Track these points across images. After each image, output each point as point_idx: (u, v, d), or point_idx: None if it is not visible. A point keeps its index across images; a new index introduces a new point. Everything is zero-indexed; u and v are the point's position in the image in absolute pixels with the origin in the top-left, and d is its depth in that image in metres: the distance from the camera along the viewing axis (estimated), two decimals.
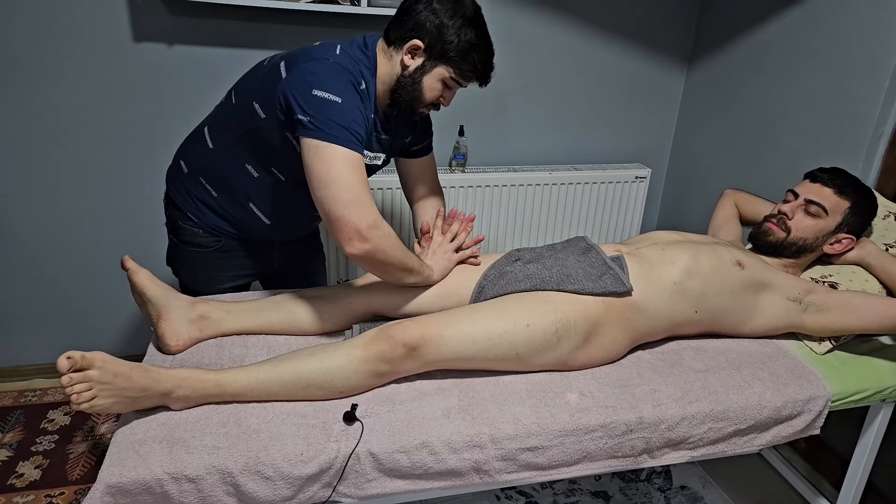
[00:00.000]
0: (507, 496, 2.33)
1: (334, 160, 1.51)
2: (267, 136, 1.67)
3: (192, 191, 1.83)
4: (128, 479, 1.24)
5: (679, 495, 2.39)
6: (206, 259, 1.90)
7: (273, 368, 1.44)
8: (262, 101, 1.64)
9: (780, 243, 1.91)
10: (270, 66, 1.66)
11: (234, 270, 1.96)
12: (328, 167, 1.51)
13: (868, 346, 1.86)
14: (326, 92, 1.52)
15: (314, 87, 1.52)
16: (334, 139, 1.51)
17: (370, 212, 1.52)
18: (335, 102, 1.52)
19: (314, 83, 1.53)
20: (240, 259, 1.94)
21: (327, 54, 1.60)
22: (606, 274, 1.66)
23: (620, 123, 3.12)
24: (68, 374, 1.25)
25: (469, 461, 1.41)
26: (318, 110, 1.52)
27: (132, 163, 2.55)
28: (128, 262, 1.64)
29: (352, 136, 1.53)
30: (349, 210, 1.50)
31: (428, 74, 1.68)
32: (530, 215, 2.97)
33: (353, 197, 1.50)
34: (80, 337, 2.77)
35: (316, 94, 1.52)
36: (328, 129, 1.51)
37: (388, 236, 1.56)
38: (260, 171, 1.75)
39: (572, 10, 2.81)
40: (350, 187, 1.51)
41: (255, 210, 1.82)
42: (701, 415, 1.54)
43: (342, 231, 1.51)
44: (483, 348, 1.52)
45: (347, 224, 1.50)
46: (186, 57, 2.45)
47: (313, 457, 1.32)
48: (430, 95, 1.72)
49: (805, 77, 2.44)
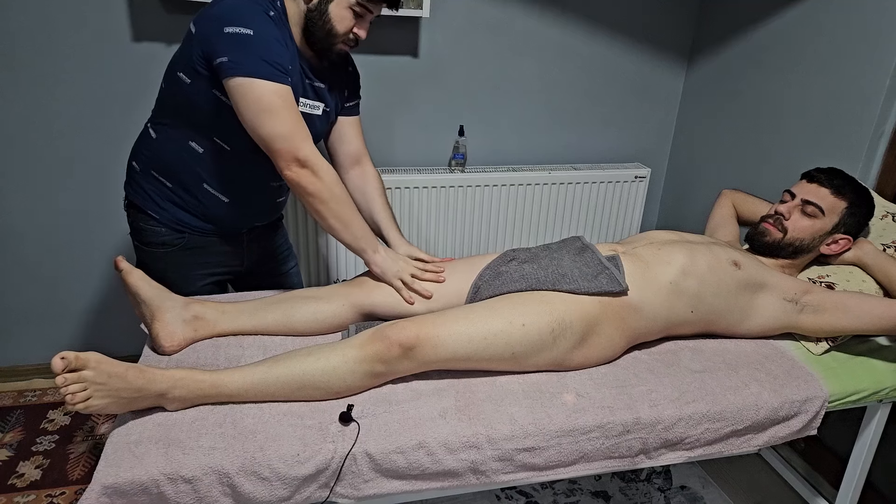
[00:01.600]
0: (507, 496, 2.33)
1: (262, 96, 1.55)
2: (198, 103, 1.67)
3: (147, 188, 1.82)
4: (124, 479, 1.24)
5: (679, 495, 2.39)
6: (174, 259, 1.87)
7: (269, 369, 1.44)
8: (182, 68, 1.65)
9: (776, 244, 1.91)
10: (184, 36, 1.68)
11: (204, 269, 1.94)
12: (257, 104, 1.56)
13: (865, 346, 1.86)
14: (237, 27, 1.53)
15: (224, 25, 1.54)
16: (255, 73, 1.54)
17: (306, 143, 1.62)
18: (247, 35, 1.53)
19: (223, 20, 1.55)
20: (208, 256, 1.92)
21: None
22: (602, 273, 1.66)
23: (620, 123, 3.12)
24: (63, 374, 1.25)
25: (466, 462, 1.41)
26: (233, 47, 1.53)
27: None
28: (121, 262, 1.63)
29: (272, 67, 1.55)
30: (286, 142, 1.59)
31: (333, 3, 1.66)
32: (530, 215, 2.97)
33: (287, 130, 1.59)
34: (79, 337, 2.78)
35: (227, 30, 1.53)
36: (247, 64, 1.53)
37: (327, 170, 1.65)
38: (204, 145, 1.74)
39: (572, 9, 2.81)
40: (283, 120, 1.58)
41: (210, 190, 1.80)
42: (698, 415, 1.54)
43: (281, 158, 1.61)
44: (479, 348, 1.52)
45: (286, 152, 1.60)
46: None
47: (310, 457, 1.32)
48: (341, 26, 1.70)
49: (805, 77, 2.43)
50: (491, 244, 2.98)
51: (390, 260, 1.77)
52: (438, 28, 2.68)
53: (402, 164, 2.88)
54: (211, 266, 1.95)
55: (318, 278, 2.83)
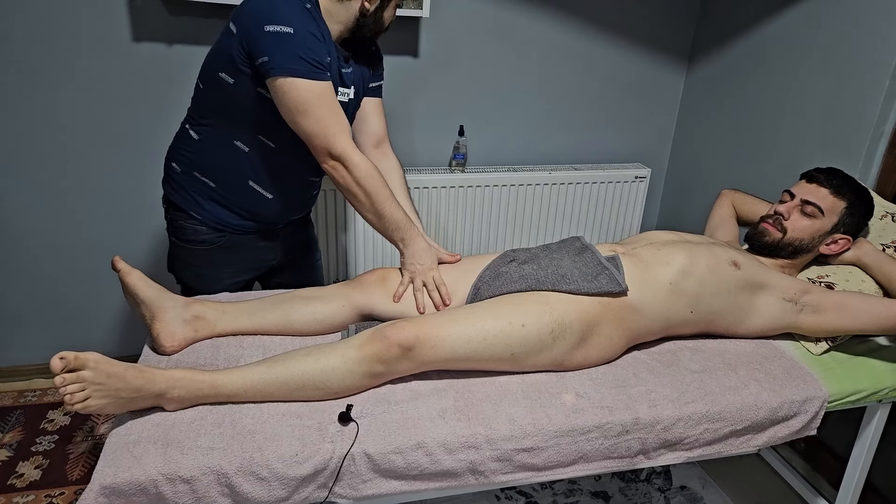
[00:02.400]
0: (507, 496, 2.33)
1: (301, 95, 1.60)
2: (243, 102, 1.70)
3: (190, 189, 1.84)
4: (122, 479, 1.24)
5: (679, 495, 2.38)
6: (211, 256, 1.90)
7: (268, 369, 1.44)
8: (225, 68, 1.67)
9: (776, 244, 1.91)
10: (221, 34, 1.69)
11: (240, 265, 1.97)
12: (296, 102, 1.61)
13: (865, 346, 1.86)
14: (277, 25, 1.56)
15: (264, 24, 1.56)
16: (294, 72, 1.58)
17: (340, 138, 1.66)
18: (288, 34, 1.56)
19: (263, 19, 1.57)
20: (245, 253, 1.95)
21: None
22: (602, 274, 1.66)
23: (620, 123, 3.12)
24: (61, 374, 1.25)
25: (464, 462, 1.41)
26: (275, 46, 1.56)
27: (132, 162, 2.55)
28: (119, 263, 1.62)
29: (311, 65, 1.59)
30: (322, 139, 1.65)
31: (387, 8, 1.78)
32: (530, 215, 2.97)
33: (323, 127, 1.64)
34: (79, 337, 2.78)
35: (268, 29, 1.56)
36: (287, 64, 1.57)
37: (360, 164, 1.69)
38: (250, 144, 1.77)
39: (572, 9, 2.81)
40: (320, 118, 1.63)
41: (255, 187, 1.84)
42: (697, 416, 1.54)
43: (318, 152, 1.69)
44: (478, 349, 1.52)
45: (322, 148, 1.67)
46: (186, 57, 2.45)
47: (308, 457, 1.32)
48: (389, 22, 1.83)
49: (805, 77, 2.43)
50: (491, 244, 2.98)
51: (415, 258, 1.77)
52: (438, 28, 2.68)
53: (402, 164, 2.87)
54: (247, 263, 1.99)
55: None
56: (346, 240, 2.76)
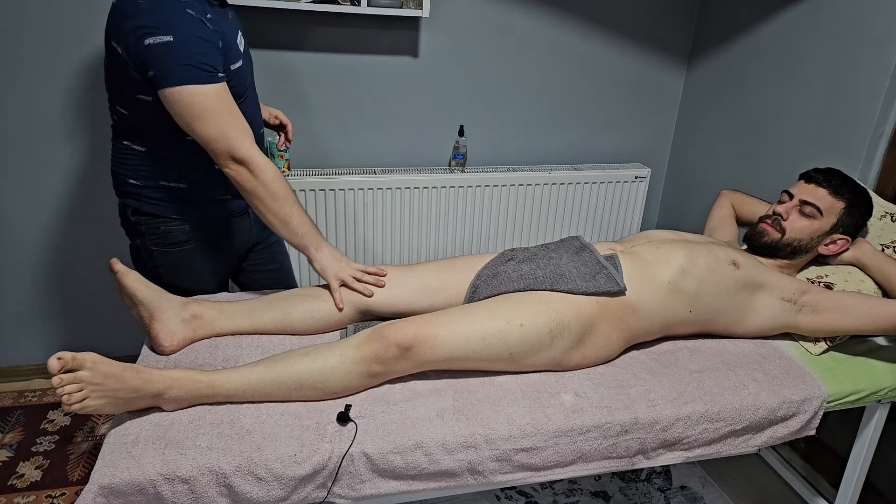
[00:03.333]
0: (507, 496, 2.33)
1: (192, 102, 1.54)
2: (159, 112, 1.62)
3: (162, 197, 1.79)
4: (121, 479, 1.24)
5: (679, 495, 2.38)
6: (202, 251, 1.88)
7: (266, 369, 1.44)
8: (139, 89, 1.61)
9: (775, 244, 1.91)
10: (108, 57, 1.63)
11: (226, 252, 1.95)
12: (189, 110, 1.55)
13: (864, 346, 1.86)
14: (154, 36, 1.49)
15: (143, 38, 1.49)
16: (182, 80, 1.51)
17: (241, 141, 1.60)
18: (167, 43, 1.49)
19: (142, 32, 1.50)
20: (227, 240, 1.94)
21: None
22: (600, 273, 1.66)
23: (620, 123, 3.12)
24: (59, 374, 1.25)
25: (463, 462, 1.41)
26: (157, 59, 1.50)
27: None
28: (116, 265, 1.63)
29: (198, 70, 1.53)
30: (221, 143, 1.59)
31: None
32: (530, 215, 2.97)
33: (220, 131, 1.58)
34: (79, 337, 2.78)
35: (148, 42, 1.49)
36: (172, 74, 1.51)
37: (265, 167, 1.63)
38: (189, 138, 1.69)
39: (572, 9, 2.81)
40: (216, 122, 1.57)
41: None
42: (696, 415, 1.54)
43: (219, 157, 1.62)
44: (477, 348, 1.52)
45: (222, 152, 1.60)
46: None
47: (307, 457, 1.32)
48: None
49: (805, 77, 2.43)
50: (491, 244, 2.98)
51: (333, 259, 1.75)
52: (438, 28, 2.68)
53: (402, 164, 2.88)
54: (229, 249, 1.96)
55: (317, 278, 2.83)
56: (345, 240, 2.76)
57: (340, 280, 1.74)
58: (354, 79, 2.66)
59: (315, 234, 1.75)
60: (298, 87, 2.60)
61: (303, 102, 2.64)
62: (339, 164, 2.80)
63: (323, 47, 2.59)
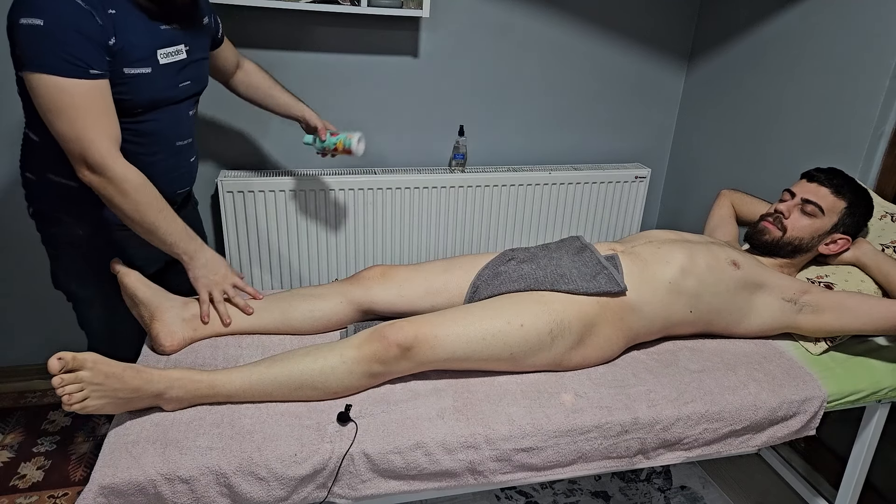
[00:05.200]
0: (506, 496, 2.33)
1: (50, 93, 1.43)
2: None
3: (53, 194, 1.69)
4: (121, 479, 1.24)
5: (679, 495, 2.38)
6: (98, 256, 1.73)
7: (266, 369, 1.44)
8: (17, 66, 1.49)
9: (775, 242, 1.91)
10: None
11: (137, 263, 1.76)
12: (46, 101, 1.44)
13: (864, 346, 1.86)
14: (28, 17, 1.38)
15: (20, 16, 1.39)
16: (46, 68, 1.40)
17: (97, 145, 1.47)
18: (37, 26, 1.38)
19: (19, 11, 1.40)
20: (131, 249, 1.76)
21: None
22: (601, 273, 1.66)
23: (620, 123, 3.12)
24: (59, 374, 1.25)
25: (464, 462, 1.41)
26: (26, 41, 1.40)
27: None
28: (117, 264, 1.63)
29: (64, 60, 1.41)
30: (74, 143, 1.47)
31: None
32: (530, 215, 2.97)
33: (76, 132, 1.46)
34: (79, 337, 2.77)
35: (22, 22, 1.39)
36: (36, 59, 1.40)
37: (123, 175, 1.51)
38: None
39: (573, 9, 2.81)
40: (72, 121, 1.45)
41: None
42: (696, 415, 1.54)
43: (73, 160, 1.50)
44: (477, 348, 1.52)
45: (76, 155, 1.48)
46: None
47: (307, 457, 1.33)
48: None
49: (805, 76, 2.43)
50: (491, 244, 2.98)
51: (206, 269, 1.67)
52: (438, 28, 2.68)
53: (402, 164, 2.88)
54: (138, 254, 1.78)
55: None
56: (345, 240, 2.76)
57: (210, 293, 1.68)
58: (354, 79, 2.66)
59: (188, 242, 1.65)
60: (298, 87, 2.59)
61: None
62: (339, 164, 2.80)
63: (323, 47, 2.58)
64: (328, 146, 2.18)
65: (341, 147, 2.17)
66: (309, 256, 2.75)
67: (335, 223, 2.72)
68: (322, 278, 2.81)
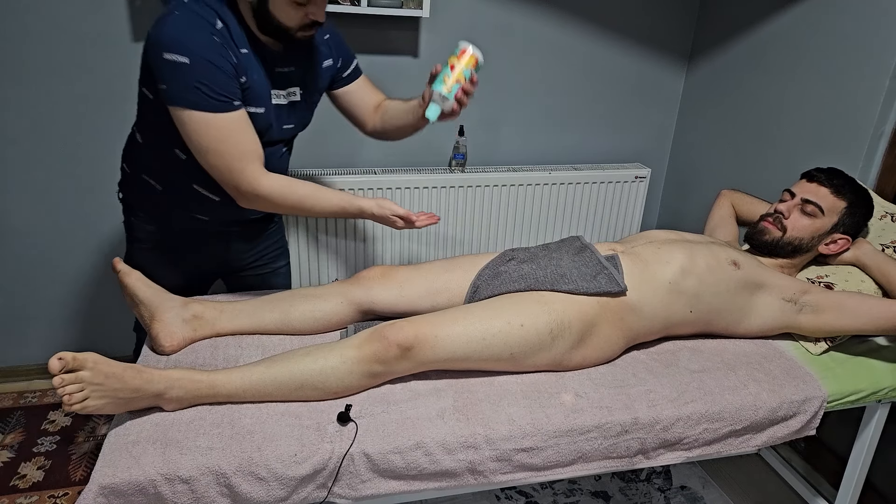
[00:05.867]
0: (507, 496, 2.33)
1: (199, 128, 1.53)
2: (166, 117, 1.59)
3: (140, 190, 1.81)
4: (121, 479, 1.24)
5: (679, 495, 2.38)
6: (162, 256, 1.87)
7: (267, 369, 1.44)
8: (145, 83, 1.61)
9: (776, 242, 1.91)
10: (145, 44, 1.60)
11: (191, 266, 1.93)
12: (197, 136, 1.55)
13: (864, 346, 1.86)
14: (174, 53, 1.46)
15: (164, 51, 1.47)
16: (194, 105, 1.51)
17: (249, 173, 1.60)
18: (184, 64, 1.47)
19: (163, 45, 1.47)
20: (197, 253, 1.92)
21: (172, 6, 1.53)
22: (601, 274, 1.66)
23: (620, 123, 3.12)
24: (60, 375, 1.25)
25: (464, 462, 1.41)
26: (172, 76, 1.49)
27: None
28: (118, 264, 1.63)
29: (209, 97, 1.51)
30: (230, 178, 1.60)
31: (271, 3, 1.55)
32: (530, 215, 2.97)
33: (227, 164, 1.58)
34: (79, 337, 2.78)
35: (166, 58, 1.47)
36: (184, 94, 1.50)
37: (271, 187, 1.63)
38: (187, 153, 1.67)
39: (572, 9, 2.81)
40: (221, 154, 1.57)
41: (201, 191, 1.77)
42: (696, 415, 1.54)
43: (227, 188, 1.64)
44: (477, 348, 1.52)
45: (235, 189, 1.62)
46: None
47: (307, 457, 1.32)
48: (290, 21, 1.59)
49: (805, 77, 2.43)
50: (491, 244, 2.98)
51: (379, 201, 1.74)
52: (438, 28, 2.68)
53: (402, 164, 2.88)
54: (199, 263, 1.94)
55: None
56: (345, 240, 2.76)
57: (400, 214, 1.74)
58: None
59: (350, 200, 1.73)
60: None
61: None
62: (339, 164, 2.80)
63: None
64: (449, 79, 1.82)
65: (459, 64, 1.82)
66: (309, 256, 2.74)
67: (335, 223, 2.72)
68: (322, 278, 2.81)
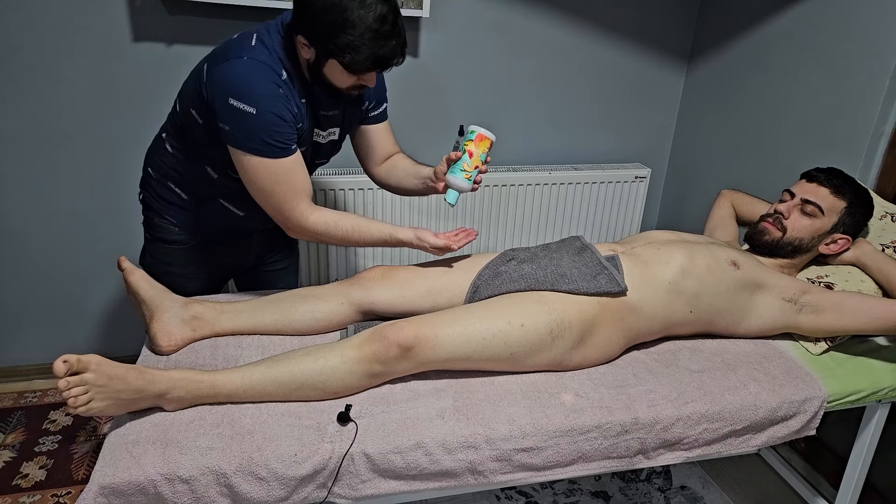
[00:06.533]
0: (507, 496, 2.33)
1: (258, 171, 1.60)
2: (212, 143, 1.66)
3: (163, 194, 1.84)
4: (121, 479, 1.24)
5: (679, 495, 2.39)
6: (182, 256, 1.90)
7: (267, 369, 1.44)
8: (196, 107, 1.65)
9: (775, 243, 1.91)
10: (198, 69, 1.65)
11: (210, 266, 1.96)
12: (255, 178, 1.62)
13: (864, 346, 1.86)
14: (241, 102, 1.52)
15: (230, 96, 1.53)
16: (255, 151, 1.57)
17: (298, 212, 1.68)
18: (250, 114, 1.53)
19: (230, 91, 1.53)
20: (217, 255, 1.95)
21: (242, 50, 1.57)
22: (601, 274, 1.66)
23: (620, 123, 3.12)
24: (65, 377, 1.25)
25: (464, 462, 1.41)
26: (237, 123, 1.55)
27: (131, 162, 2.54)
28: (123, 262, 1.65)
29: (271, 145, 1.57)
30: (281, 215, 1.69)
31: (325, 67, 1.61)
32: (530, 215, 2.97)
33: (279, 203, 1.66)
34: (79, 337, 2.78)
35: (232, 104, 1.53)
36: (247, 142, 1.56)
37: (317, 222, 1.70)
38: (219, 173, 1.76)
39: (572, 9, 2.81)
40: (275, 195, 1.65)
41: (227, 205, 1.84)
42: (696, 415, 1.54)
43: (280, 224, 1.73)
44: (477, 349, 1.52)
45: (285, 224, 1.72)
46: (185, 56, 2.45)
47: (307, 457, 1.33)
48: (341, 83, 1.65)
49: (805, 76, 2.43)
50: (491, 244, 2.98)
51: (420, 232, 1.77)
52: (438, 28, 2.68)
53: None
54: (218, 264, 1.98)
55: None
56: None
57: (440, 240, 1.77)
58: None
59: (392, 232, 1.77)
60: None
61: None
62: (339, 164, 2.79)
63: None
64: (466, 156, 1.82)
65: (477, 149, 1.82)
66: (309, 257, 2.75)
67: None
68: (322, 279, 2.81)
